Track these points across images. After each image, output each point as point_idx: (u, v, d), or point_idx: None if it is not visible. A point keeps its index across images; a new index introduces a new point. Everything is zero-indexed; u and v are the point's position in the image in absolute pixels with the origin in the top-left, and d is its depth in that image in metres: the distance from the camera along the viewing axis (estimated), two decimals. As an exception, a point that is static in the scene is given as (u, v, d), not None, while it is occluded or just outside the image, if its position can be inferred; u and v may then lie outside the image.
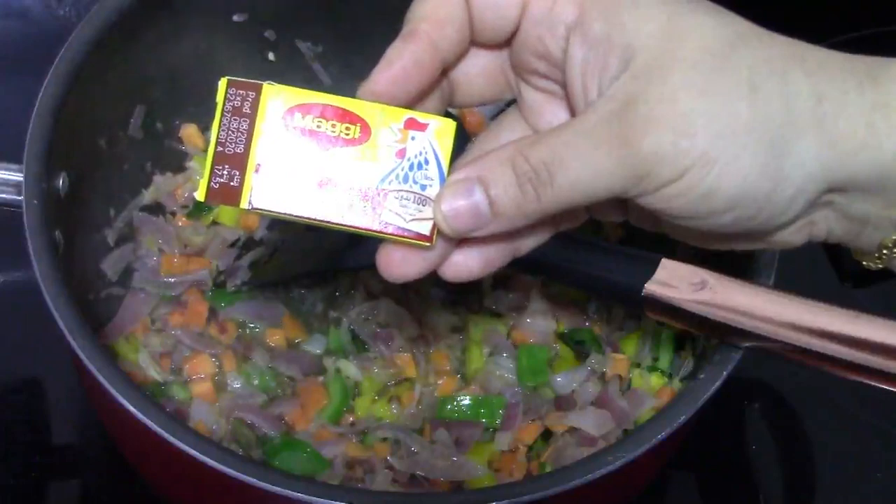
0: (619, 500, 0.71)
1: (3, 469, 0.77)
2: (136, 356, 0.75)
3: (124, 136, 0.78)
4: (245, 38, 0.81)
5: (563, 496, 0.57)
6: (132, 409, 0.57)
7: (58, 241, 0.65)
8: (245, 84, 0.49)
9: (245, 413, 0.73)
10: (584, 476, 0.57)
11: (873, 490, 0.80)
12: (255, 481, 0.56)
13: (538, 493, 0.57)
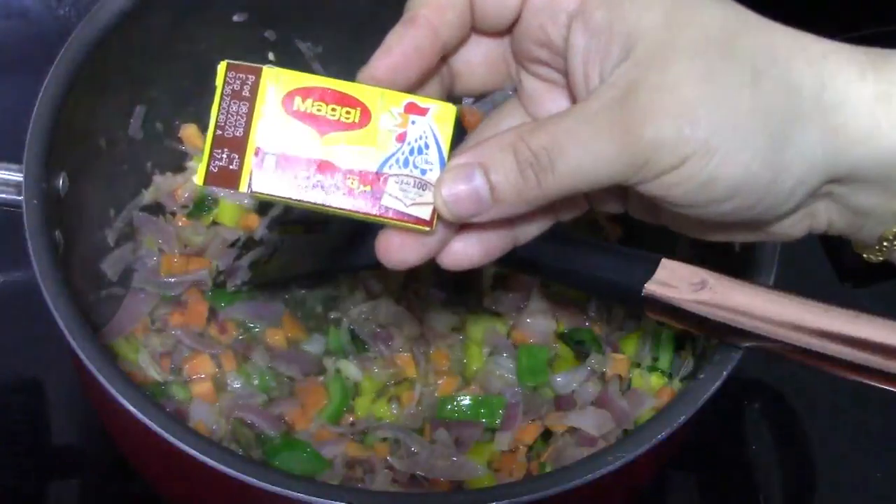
0: (619, 500, 0.71)
1: (3, 469, 0.77)
2: (136, 356, 0.75)
3: (124, 136, 0.78)
4: (245, 38, 0.81)
5: (563, 496, 0.57)
6: (132, 409, 0.57)
7: (58, 241, 0.65)
8: (245, 67, 0.48)
9: (245, 413, 0.73)
10: (584, 476, 0.57)
11: (873, 490, 0.80)
12: (255, 481, 0.56)
13: (538, 493, 0.57)
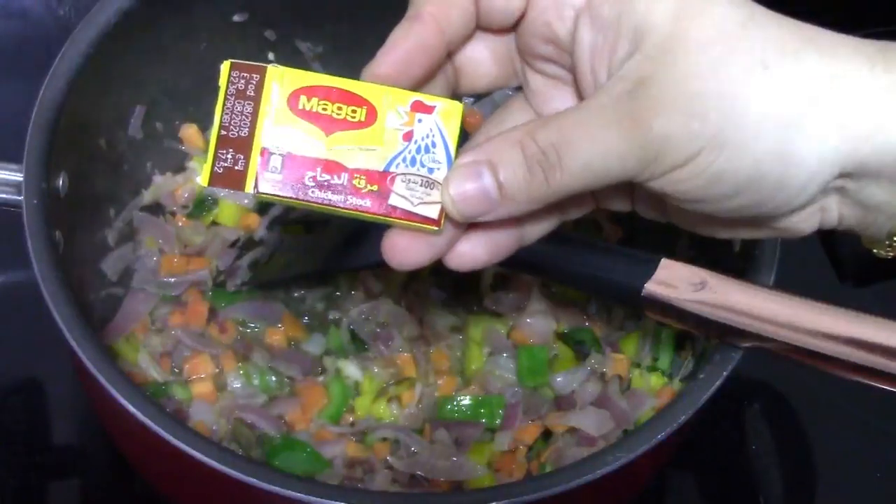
0: (619, 500, 0.71)
1: (3, 469, 0.77)
2: (136, 356, 0.75)
3: (124, 136, 0.78)
4: (245, 38, 0.81)
5: (563, 496, 0.57)
6: (132, 409, 0.57)
7: (58, 241, 0.65)
8: (249, 67, 0.48)
9: (245, 413, 0.73)
10: (584, 476, 0.57)
11: (873, 490, 0.80)
12: (255, 481, 0.56)
13: (538, 493, 0.57)
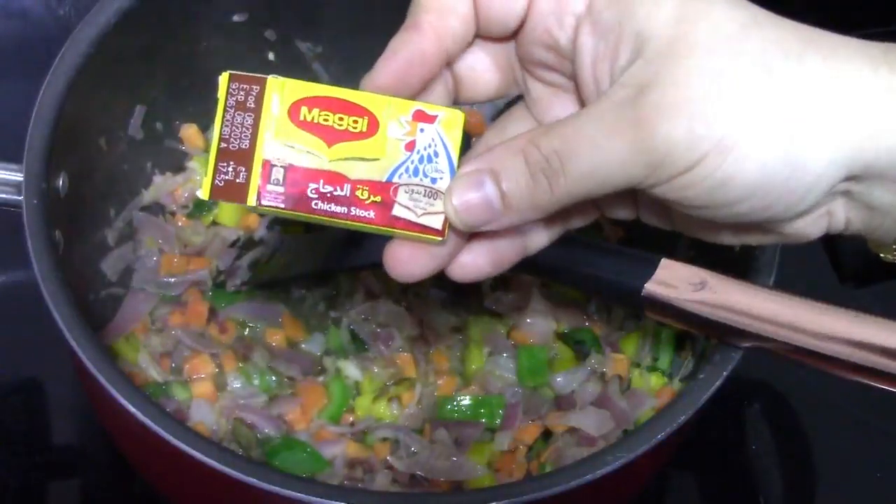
0: (619, 500, 0.71)
1: (3, 469, 0.77)
2: (136, 356, 0.75)
3: (124, 136, 0.78)
4: (245, 38, 0.81)
5: (563, 496, 0.57)
6: (132, 409, 0.57)
7: (58, 241, 0.65)
8: (248, 78, 0.48)
9: (245, 413, 0.73)
10: (584, 476, 0.57)
11: (873, 490, 0.80)
12: (255, 481, 0.56)
13: (538, 493, 0.57)
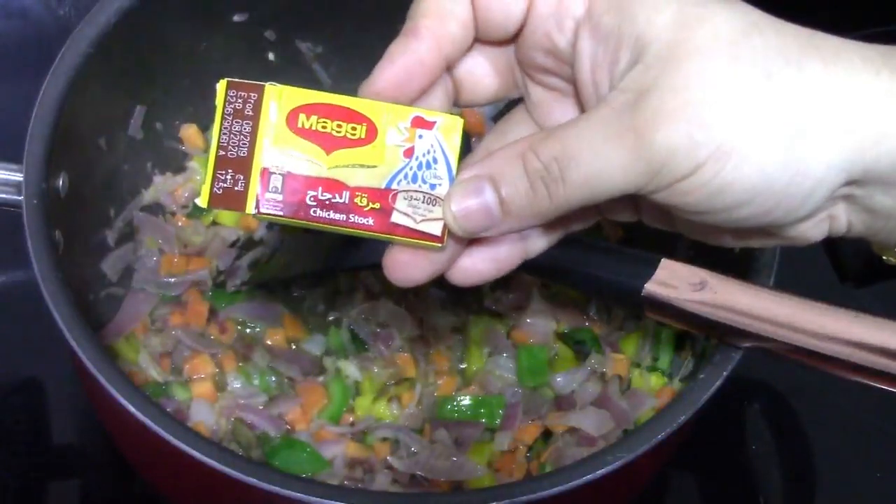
0: (619, 500, 0.71)
1: (3, 469, 0.77)
2: (136, 356, 0.75)
3: (124, 136, 0.78)
4: (245, 38, 0.81)
5: (563, 496, 0.57)
6: (132, 409, 0.57)
7: (58, 241, 0.65)
8: (246, 85, 0.47)
9: (245, 413, 0.73)
10: (584, 476, 0.57)
11: (873, 490, 0.80)
12: (255, 481, 0.56)
13: (538, 493, 0.57)
